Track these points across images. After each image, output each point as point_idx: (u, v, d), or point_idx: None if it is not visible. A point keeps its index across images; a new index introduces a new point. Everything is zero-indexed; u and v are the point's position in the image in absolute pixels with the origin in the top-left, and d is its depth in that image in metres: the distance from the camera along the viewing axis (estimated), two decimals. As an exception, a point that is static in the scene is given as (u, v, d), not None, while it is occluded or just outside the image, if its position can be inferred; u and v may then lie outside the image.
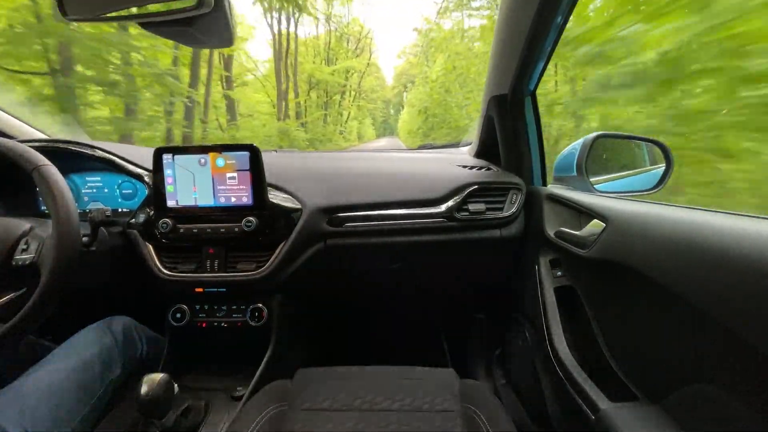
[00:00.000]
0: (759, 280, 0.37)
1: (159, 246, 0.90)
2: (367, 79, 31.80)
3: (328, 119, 18.15)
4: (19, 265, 0.67)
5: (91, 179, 0.98)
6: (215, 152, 0.84)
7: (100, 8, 0.45)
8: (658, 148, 0.82)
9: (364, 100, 31.20)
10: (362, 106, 28.56)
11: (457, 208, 0.92)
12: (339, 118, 20.84)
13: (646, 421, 0.49)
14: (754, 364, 0.38)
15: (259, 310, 0.91)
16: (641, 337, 0.56)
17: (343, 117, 22.00)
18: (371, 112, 38.60)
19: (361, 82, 25.21)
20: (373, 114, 40.06)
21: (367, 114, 34.89)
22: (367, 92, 32.47)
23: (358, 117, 28.37)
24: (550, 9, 0.70)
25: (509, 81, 0.89)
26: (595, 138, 0.83)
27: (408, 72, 42.72)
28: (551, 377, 0.76)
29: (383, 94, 46.87)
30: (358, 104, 26.01)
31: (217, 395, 0.84)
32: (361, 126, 28.84)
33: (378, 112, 42.33)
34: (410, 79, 34.91)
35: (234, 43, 0.50)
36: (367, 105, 31.85)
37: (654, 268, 0.51)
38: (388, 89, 50.41)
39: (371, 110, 38.58)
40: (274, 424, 0.63)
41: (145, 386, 0.62)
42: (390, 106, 50.16)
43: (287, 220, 0.88)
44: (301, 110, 15.03)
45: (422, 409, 0.65)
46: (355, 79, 23.58)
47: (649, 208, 0.58)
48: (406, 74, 44.53)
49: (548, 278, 0.80)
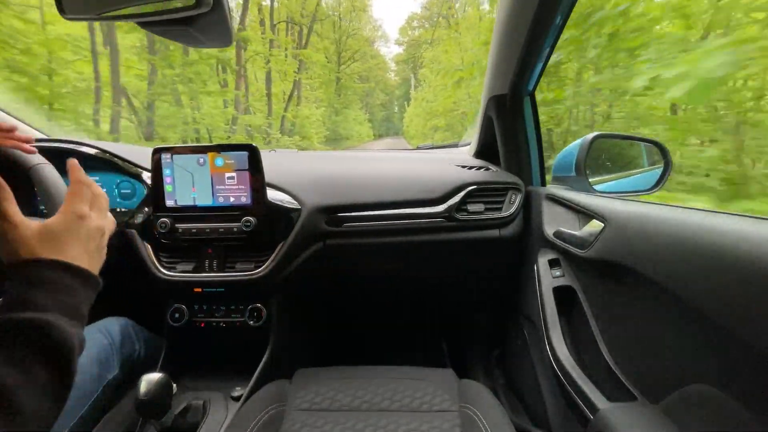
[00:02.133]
0: (757, 280, 0.37)
1: (157, 246, 0.90)
2: (349, 41, 23.43)
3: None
4: None
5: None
6: (214, 152, 0.84)
7: (98, 7, 0.44)
8: (657, 149, 0.82)
9: (347, 72, 22.50)
10: (345, 85, 20.59)
11: (456, 208, 0.92)
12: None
13: (644, 421, 0.49)
14: (752, 364, 0.39)
15: (258, 310, 0.91)
16: (640, 337, 0.56)
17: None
18: (365, 103, 30.46)
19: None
20: (370, 107, 32.47)
21: (358, 102, 25.82)
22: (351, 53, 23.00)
23: (334, 104, 18.81)
24: (550, 9, 0.70)
25: (508, 81, 0.89)
26: (594, 138, 0.83)
27: (415, 55, 33.19)
28: (550, 377, 0.76)
29: (385, 85, 37.08)
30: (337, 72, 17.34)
31: (216, 395, 0.84)
32: (340, 120, 18.73)
33: (376, 107, 34.21)
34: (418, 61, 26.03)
35: (233, 42, 0.50)
36: (353, 84, 23.46)
37: (653, 269, 0.51)
38: (391, 81, 39.34)
39: (365, 99, 30.39)
40: (273, 424, 0.63)
41: (144, 386, 0.61)
42: (394, 102, 38.88)
43: (286, 220, 0.88)
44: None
45: (421, 410, 0.65)
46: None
47: (648, 209, 0.58)
48: (413, 59, 34.87)
49: (547, 278, 0.80)
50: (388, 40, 58.81)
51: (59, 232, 0.41)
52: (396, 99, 38.41)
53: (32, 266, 0.38)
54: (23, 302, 0.36)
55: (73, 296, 0.39)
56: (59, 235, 0.41)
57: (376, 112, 34.11)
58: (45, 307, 0.36)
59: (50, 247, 0.40)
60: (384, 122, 34.85)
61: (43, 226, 0.41)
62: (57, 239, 0.41)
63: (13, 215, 0.40)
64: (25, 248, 0.39)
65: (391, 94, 38.35)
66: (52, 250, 0.40)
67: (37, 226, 0.41)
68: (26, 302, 0.36)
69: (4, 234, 0.39)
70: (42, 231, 0.40)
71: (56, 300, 0.37)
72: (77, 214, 0.43)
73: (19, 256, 0.39)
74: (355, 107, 24.80)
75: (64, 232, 0.41)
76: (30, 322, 0.35)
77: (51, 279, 0.38)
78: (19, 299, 0.36)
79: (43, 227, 0.41)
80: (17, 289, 0.37)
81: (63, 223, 0.42)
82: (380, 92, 35.98)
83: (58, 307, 0.37)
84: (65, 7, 0.44)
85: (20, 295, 0.36)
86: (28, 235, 0.39)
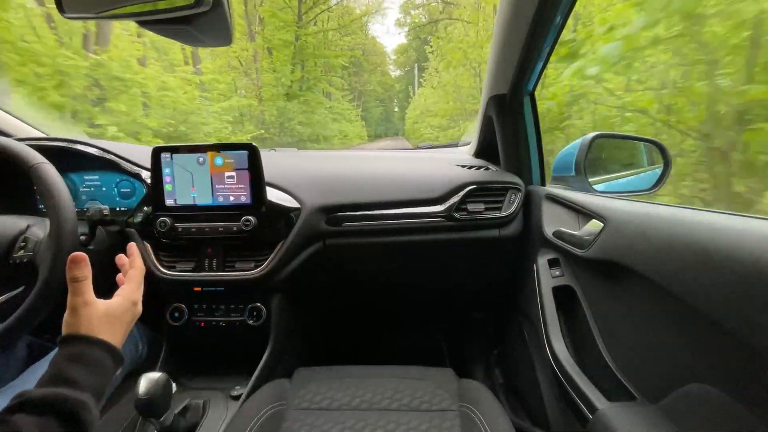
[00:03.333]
0: (757, 279, 0.37)
1: (157, 245, 0.90)
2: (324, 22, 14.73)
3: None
4: (16, 263, 0.66)
5: (89, 178, 0.97)
6: (214, 151, 0.84)
7: (98, 6, 0.44)
8: (657, 148, 0.83)
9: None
10: (313, 52, 11.94)
11: (456, 207, 0.92)
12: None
13: (643, 420, 0.49)
14: (751, 363, 0.39)
15: (258, 309, 0.91)
16: (639, 336, 0.56)
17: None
18: (357, 95, 22.72)
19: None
20: (365, 103, 25.24)
21: (343, 88, 17.08)
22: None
23: (284, 78, 10.33)
24: (550, 9, 0.70)
25: (508, 81, 0.89)
26: (594, 138, 0.83)
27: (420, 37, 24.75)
28: (549, 377, 0.76)
29: (383, 79, 30.53)
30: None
31: (216, 394, 0.84)
32: (301, 109, 10.54)
33: (373, 105, 27.45)
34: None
35: (233, 42, 0.49)
36: (325, 53, 13.43)
37: (652, 268, 0.51)
38: (390, 77, 32.29)
39: (356, 89, 22.41)
40: (273, 423, 0.63)
41: (144, 385, 0.61)
42: (393, 99, 32.10)
43: (286, 220, 0.88)
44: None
45: (420, 409, 0.65)
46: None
47: (648, 208, 0.58)
48: (412, 48, 28.03)
49: (547, 278, 0.80)
50: (385, 16, 49.24)
51: (117, 317, 0.47)
52: (396, 95, 31.91)
53: (79, 343, 0.43)
54: (63, 377, 0.40)
55: (106, 377, 0.44)
56: (116, 319, 0.46)
57: (371, 108, 27.26)
58: (81, 385, 0.40)
59: (106, 329, 0.45)
60: (383, 122, 28.26)
61: (107, 309, 0.46)
62: (113, 322, 0.46)
63: (87, 293, 0.45)
64: (86, 326, 0.44)
65: (389, 92, 31.55)
66: (107, 331, 0.45)
67: (103, 307, 0.45)
68: (66, 378, 0.40)
69: (75, 310, 0.44)
70: (106, 313, 0.45)
71: (92, 380, 0.42)
72: (133, 301, 0.49)
73: (78, 331, 0.43)
74: (339, 95, 16.53)
75: (121, 317, 0.47)
76: (65, 399, 0.39)
77: (96, 359, 0.43)
78: (63, 374, 0.40)
79: (107, 310, 0.46)
80: (63, 363, 0.41)
81: (121, 308, 0.48)
82: (377, 85, 29.06)
83: (92, 387, 0.41)
84: (65, 6, 0.44)
85: (62, 370, 0.41)
86: (93, 315, 0.44)
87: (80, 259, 0.45)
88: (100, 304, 0.45)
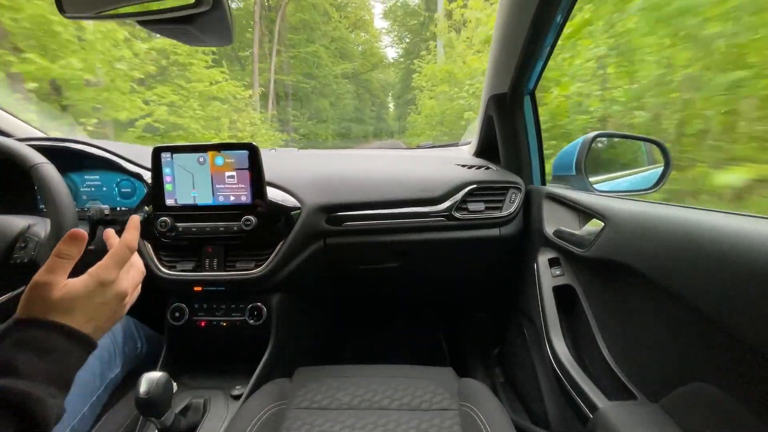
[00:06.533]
0: (757, 279, 0.37)
1: (158, 245, 0.90)
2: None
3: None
4: (17, 263, 0.66)
5: (89, 178, 0.97)
6: (214, 151, 0.84)
7: (98, 6, 0.44)
8: (657, 148, 0.82)
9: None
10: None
11: (456, 207, 0.92)
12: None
13: (643, 420, 0.50)
14: (752, 363, 0.39)
15: (258, 308, 0.91)
16: (639, 336, 0.57)
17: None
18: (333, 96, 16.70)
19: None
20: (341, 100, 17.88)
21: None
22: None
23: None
24: (550, 8, 0.70)
25: (509, 80, 0.89)
26: (594, 137, 0.83)
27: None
28: (549, 376, 0.76)
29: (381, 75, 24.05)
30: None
31: (216, 394, 0.84)
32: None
33: (366, 102, 21.76)
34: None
35: (233, 41, 0.49)
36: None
37: (653, 268, 0.51)
38: (389, 70, 24.76)
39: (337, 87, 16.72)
40: (273, 422, 0.63)
41: (144, 385, 0.61)
42: (389, 95, 25.48)
43: (286, 219, 0.88)
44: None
45: (421, 408, 0.65)
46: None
47: (648, 208, 0.58)
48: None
49: (547, 277, 0.80)
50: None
51: (77, 297, 0.40)
52: (392, 89, 25.19)
53: (30, 327, 0.38)
54: (7, 366, 0.35)
55: (63, 361, 0.38)
56: (76, 299, 0.40)
57: (365, 108, 21.82)
58: (28, 374, 0.35)
59: (62, 311, 0.39)
60: (376, 121, 22.04)
61: (67, 290, 0.40)
62: (72, 303, 0.40)
63: (60, 274, 0.40)
64: (39, 307, 0.38)
65: (384, 85, 25.16)
66: (63, 313, 0.39)
67: (64, 288, 0.40)
68: (9, 367, 0.35)
69: (35, 288, 0.39)
70: (66, 294, 0.40)
71: (42, 366, 0.36)
72: (100, 281, 0.42)
73: (30, 314, 0.38)
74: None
75: (82, 297, 0.41)
76: (7, 391, 0.34)
77: (50, 345, 0.38)
78: (4, 362, 0.35)
79: (67, 291, 0.40)
80: (6, 351, 0.36)
81: (84, 288, 0.41)
82: (375, 79, 23.11)
83: (43, 375, 0.36)
84: (65, 5, 0.44)
85: (6, 358, 0.35)
86: (50, 296, 0.39)
87: (81, 237, 0.40)
88: (61, 285, 0.40)
